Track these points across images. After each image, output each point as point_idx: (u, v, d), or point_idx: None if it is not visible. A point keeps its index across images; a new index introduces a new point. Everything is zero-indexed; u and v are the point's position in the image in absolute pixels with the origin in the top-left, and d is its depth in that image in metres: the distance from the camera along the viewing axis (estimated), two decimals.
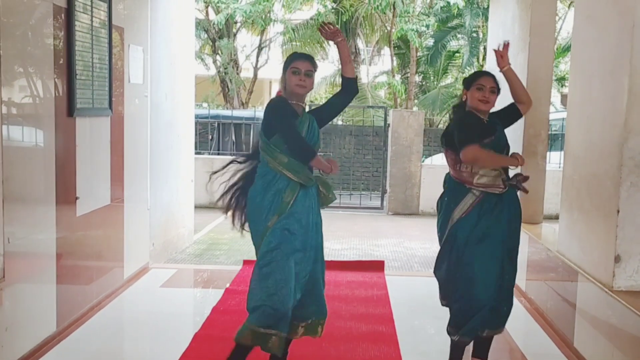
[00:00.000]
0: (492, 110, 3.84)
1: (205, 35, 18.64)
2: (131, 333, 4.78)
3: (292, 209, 3.53)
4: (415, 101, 17.80)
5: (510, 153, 3.78)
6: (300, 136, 3.56)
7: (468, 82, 3.81)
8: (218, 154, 12.13)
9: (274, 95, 3.83)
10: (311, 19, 17.70)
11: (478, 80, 3.76)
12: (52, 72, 4.23)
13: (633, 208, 3.76)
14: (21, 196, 3.87)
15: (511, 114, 3.94)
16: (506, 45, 3.94)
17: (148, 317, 4.94)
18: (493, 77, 3.78)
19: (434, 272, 3.95)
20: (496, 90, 3.75)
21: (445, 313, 4.21)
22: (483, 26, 16.47)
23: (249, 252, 7.36)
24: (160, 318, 4.90)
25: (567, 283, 4.52)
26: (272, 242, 3.50)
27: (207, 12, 18.84)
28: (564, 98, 20.08)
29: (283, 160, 3.54)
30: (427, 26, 16.46)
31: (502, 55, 3.90)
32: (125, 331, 4.84)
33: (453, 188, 3.80)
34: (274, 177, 3.56)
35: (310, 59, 3.70)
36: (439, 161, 10.94)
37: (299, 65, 3.60)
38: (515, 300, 5.36)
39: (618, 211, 3.78)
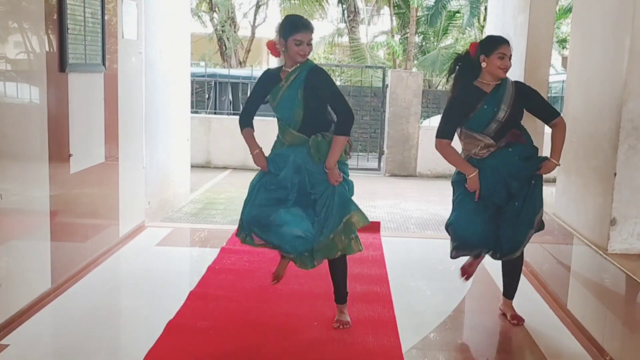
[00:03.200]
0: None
1: None
2: (127, 290, 4.80)
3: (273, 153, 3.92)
4: (415, 62, 17.65)
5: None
6: (245, 108, 4.04)
7: (488, 48, 3.84)
8: (215, 113, 12.06)
9: (271, 58, 3.94)
10: None
11: (499, 48, 3.81)
12: (44, 27, 4.15)
13: (630, 171, 3.74)
14: (14, 153, 3.83)
15: (540, 116, 4.01)
16: None
17: (144, 275, 4.95)
18: (509, 43, 3.87)
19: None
20: (511, 55, 3.86)
21: (440, 274, 4.25)
22: None
23: None
24: (156, 276, 4.91)
25: (563, 246, 4.52)
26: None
27: None
28: (564, 60, 19.93)
29: (277, 122, 3.92)
30: None
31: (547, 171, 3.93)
32: (121, 289, 4.85)
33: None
34: (278, 135, 3.97)
35: (311, 28, 3.78)
36: (437, 123, 10.88)
37: (300, 37, 3.71)
38: None
39: (615, 174, 3.76)
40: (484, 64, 3.84)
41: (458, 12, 18.07)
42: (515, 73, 6.04)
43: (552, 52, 6.90)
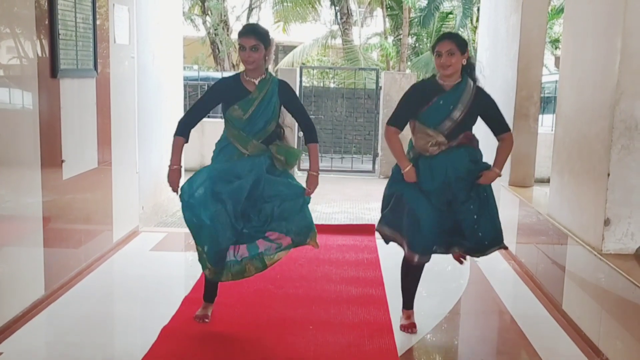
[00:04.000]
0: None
1: None
2: (121, 296, 4.78)
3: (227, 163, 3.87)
4: (408, 63, 17.66)
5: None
6: (188, 115, 4.14)
7: (432, 49, 3.86)
8: (208, 116, 12.01)
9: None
10: None
11: (436, 47, 3.79)
12: (35, 33, 4.13)
13: (623, 171, 3.75)
14: (6, 159, 3.81)
15: (493, 127, 3.98)
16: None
17: (138, 281, 4.92)
18: (451, 38, 3.78)
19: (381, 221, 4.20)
20: (456, 50, 3.73)
21: (435, 275, 4.25)
22: None
23: None
24: (150, 281, 4.88)
25: (557, 246, 4.52)
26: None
27: None
28: (557, 60, 19.97)
29: (234, 132, 3.84)
30: None
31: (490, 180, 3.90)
32: (115, 294, 4.83)
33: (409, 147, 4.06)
34: (227, 144, 3.90)
35: (255, 32, 3.76)
36: None
37: (242, 41, 3.73)
38: (505, 263, 5.45)
39: (608, 174, 3.76)
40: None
41: (451, 13, 18.10)
42: (508, 74, 6.08)
43: (545, 52, 6.92)
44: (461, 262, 4.17)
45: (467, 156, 3.87)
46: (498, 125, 3.95)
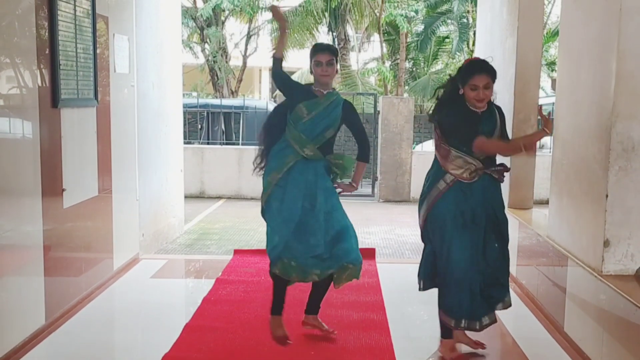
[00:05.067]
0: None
1: (193, 24, 18.53)
2: (122, 324, 4.76)
3: (287, 173, 4.03)
4: (406, 87, 17.77)
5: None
6: (283, 78, 4.13)
7: (463, 79, 3.72)
8: (208, 143, 12.09)
9: (264, 83, 4.11)
10: (300, 6, 17.61)
11: (471, 80, 3.67)
12: (36, 63, 4.18)
13: (621, 192, 3.76)
14: (6, 188, 3.83)
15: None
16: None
17: (139, 308, 4.91)
18: (487, 71, 3.71)
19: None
20: (491, 84, 3.71)
21: (436, 299, 4.20)
22: (472, 11, 16.43)
23: (240, 241, 7.37)
24: (151, 309, 4.87)
25: (557, 268, 4.52)
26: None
27: (194, 0, 18.71)
28: (554, 82, 20.09)
29: (294, 134, 4.04)
30: (416, 11, 16.44)
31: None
32: (116, 323, 4.82)
33: (435, 170, 3.92)
34: (287, 145, 4.07)
35: (330, 49, 4.13)
36: (430, 148, 10.92)
37: (320, 57, 4.04)
38: None
39: (607, 196, 3.77)
40: (461, 92, 3.76)
41: (447, 37, 18.26)
42: (505, 97, 6.12)
43: (542, 74, 6.97)
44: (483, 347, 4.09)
45: (500, 200, 3.91)
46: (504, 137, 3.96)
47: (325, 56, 4.05)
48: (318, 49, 4.12)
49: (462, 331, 3.99)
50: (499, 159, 3.96)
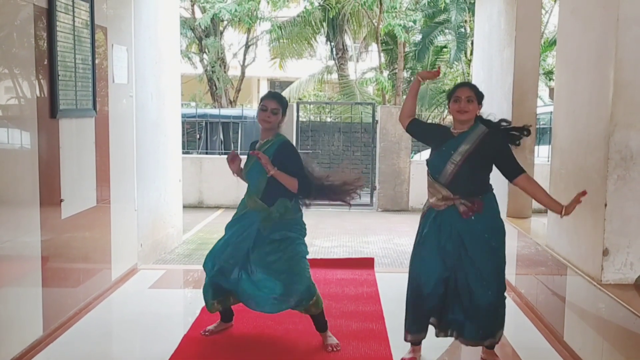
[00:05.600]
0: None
1: (192, 34, 18.57)
2: (120, 335, 4.74)
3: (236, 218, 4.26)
4: (404, 97, 17.76)
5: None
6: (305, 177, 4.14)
7: (448, 95, 3.96)
8: (206, 153, 12.09)
9: (262, 93, 4.21)
10: (298, 16, 17.67)
11: (455, 92, 3.88)
12: (34, 73, 4.18)
13: (620, 201, 3.77)
14: (5, 199, 3.82)
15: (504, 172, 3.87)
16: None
17: (137, 319, 4.90)
18: (470, 87, 3.92)
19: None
20: (474, 98, 3.83)
21: None
22: (470, 21, 16.48)
23: None
24: (149, 319, 4.86)
25: (557, 277, 4.52)
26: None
27: (193, 11, 18.76)
28: (552, 92, 20.13)
29: (247, 187, 4.25)
30: (414, 21, 16.47)
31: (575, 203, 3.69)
32: (114, 333, 4.80)
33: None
34: (243, 197, 4.28)
35: (276, 98, 4.18)
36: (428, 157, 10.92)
37: (266, 103, 4.11)
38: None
39: (605, 204, 3.78)
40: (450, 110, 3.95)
41: (445, 47, 18.30)
42: (503, 106, 6.14)
43: (539, 84, 6.99)
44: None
45: (481, 224, 3.80)
46: (510, 169, 3.81)
47: (271, 103, 4.10)
48: (266, 95, 4.19)
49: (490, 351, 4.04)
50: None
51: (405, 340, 4.05)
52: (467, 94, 3.82)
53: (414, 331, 4.00)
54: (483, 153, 3.78)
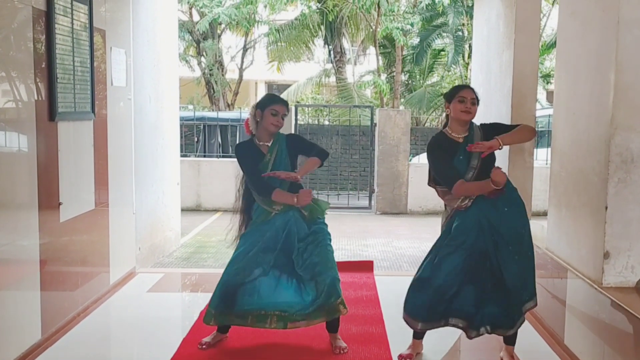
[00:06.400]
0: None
1: (190, 37, 18.55)
2: (118, 339, 4.72)
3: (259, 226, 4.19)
4: (402, 100, 17.80)
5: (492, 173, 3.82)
6: (258, 180, 4.10)
7: (450, 96, 3.99)
8: (204, 156, 12.08)
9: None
10: (296, 19, 17.66)
11: (459, 93, 3.93)
12: (32, 76, 4.17)
13: (621, 204, 3.76)
14: (3, 202, 3.80)
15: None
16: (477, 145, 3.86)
17: (135, 323, 4.88)
18: (472, 89, 4.00)
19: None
20: (476, 101, 3.94)
21: None
22: (467, 24, 16.50)
23: None
24: (147, 323, 4.84)
25: (557, 280, 4.51)
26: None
27: (190, 14, 18.76)
28: (549, 95, 20.17)
29: (257, 197, 4.21)
30: (412, 24, 16.48)
31: (488, 147, 3.82)
32: (112, 337, 4.77)
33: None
34: (259, 206, 4.21)
35: (286, 104, 4.24)
36: (426, 160, 10.92)
37: (278, 108, 4.15)
38: None
39: (606, 207, 3.77)
40: (447, 111, 3.99)
41: (443, 50, 18.31)
42: (502, 109, 6.13)
43: (538, 87, 6.98)
44: None
45: (500, 203, 3.88)
46: (509, 129, 3.98)
47: (284, 109, 4.17)
48: (277, 100, 4.22)
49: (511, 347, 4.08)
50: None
51: (415, 328, 4.04)
52: (472, 96, 3.92)
53: (426, 319, 3.95)
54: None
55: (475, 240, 3.85)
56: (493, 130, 3.95)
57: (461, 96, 3.89)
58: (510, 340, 4.06)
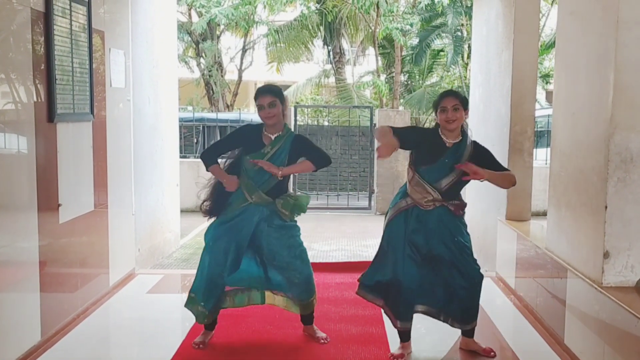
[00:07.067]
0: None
1: (189, 38, 18.54)
2: (118, 341, 4.72)
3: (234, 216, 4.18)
4: (401, 100, 17.80)
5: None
6: (213, 149, 4.25)
7: (434, 105, 4.02)
8: None
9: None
10: (295, 20, 17.67)
11: (441, 102, 3.95)
12: (31, 78, 4.16)
13: (620, 204, 3.75)
14: (2, 204, 3.80)
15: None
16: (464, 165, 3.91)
17: (135, 324, 4.87)
18: (455, 94, 3.98)
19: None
20: (460, 106, 3.93)
21: None
22: (467, 24, 16.50)
23: None
24: (147, 325, 4.83)
25: (557, 280, 4.50)
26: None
27: (189, 15, 18.75)
28: (549, 95, 20.18)
29: (245, 180, 4.14)
30: (411, 25, 16.48)
31: (474, 172, 3.87)
32: (112, 339, 4.77)
33: (406, 187, 4.14)
34: (238, 191, 4.17)
35: (270, 91, 4.11)
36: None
37: (260, 101, 4.07)
38: (504, 298, 5.42)
39: (606, 207, 3.76)
40: (436, 119, 4.02)
41: (442, 50, 18.31)
42: (501, 109, 6.13)
43: (537, 87, 6.99)
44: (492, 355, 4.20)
45: (458, 226, 4.03)
46: (497, 166, 4.03)
47: (266, 98, 4.07)
48: (257, 93, 4.12)
49: (471, 339, 4.20)
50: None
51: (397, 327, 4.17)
52: (453, 103, 3.91)
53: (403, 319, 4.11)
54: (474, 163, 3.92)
55: (435, 243, 4.01)
56: (482, 158, 3.99)
57: (442, 106, 3.93)
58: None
